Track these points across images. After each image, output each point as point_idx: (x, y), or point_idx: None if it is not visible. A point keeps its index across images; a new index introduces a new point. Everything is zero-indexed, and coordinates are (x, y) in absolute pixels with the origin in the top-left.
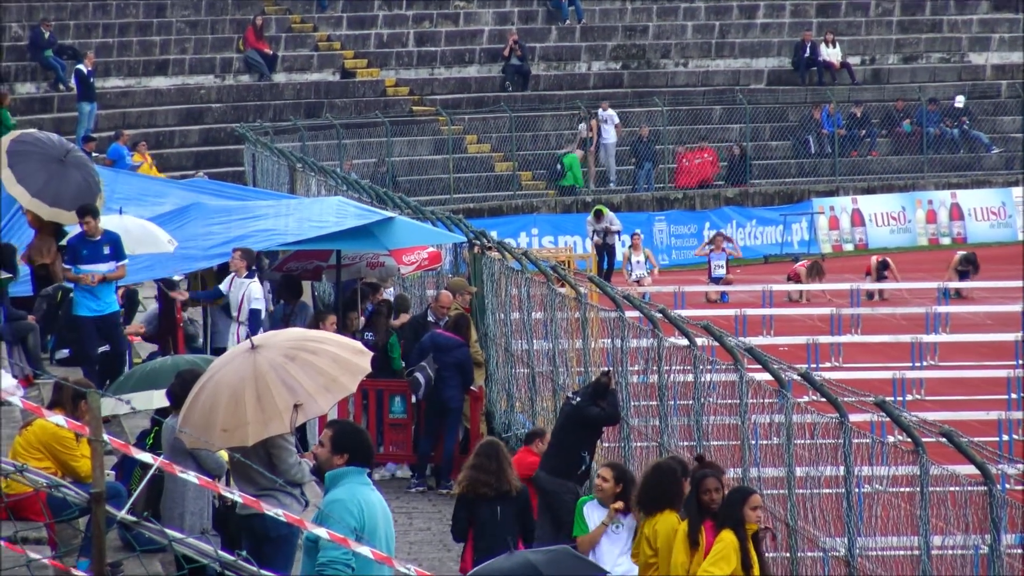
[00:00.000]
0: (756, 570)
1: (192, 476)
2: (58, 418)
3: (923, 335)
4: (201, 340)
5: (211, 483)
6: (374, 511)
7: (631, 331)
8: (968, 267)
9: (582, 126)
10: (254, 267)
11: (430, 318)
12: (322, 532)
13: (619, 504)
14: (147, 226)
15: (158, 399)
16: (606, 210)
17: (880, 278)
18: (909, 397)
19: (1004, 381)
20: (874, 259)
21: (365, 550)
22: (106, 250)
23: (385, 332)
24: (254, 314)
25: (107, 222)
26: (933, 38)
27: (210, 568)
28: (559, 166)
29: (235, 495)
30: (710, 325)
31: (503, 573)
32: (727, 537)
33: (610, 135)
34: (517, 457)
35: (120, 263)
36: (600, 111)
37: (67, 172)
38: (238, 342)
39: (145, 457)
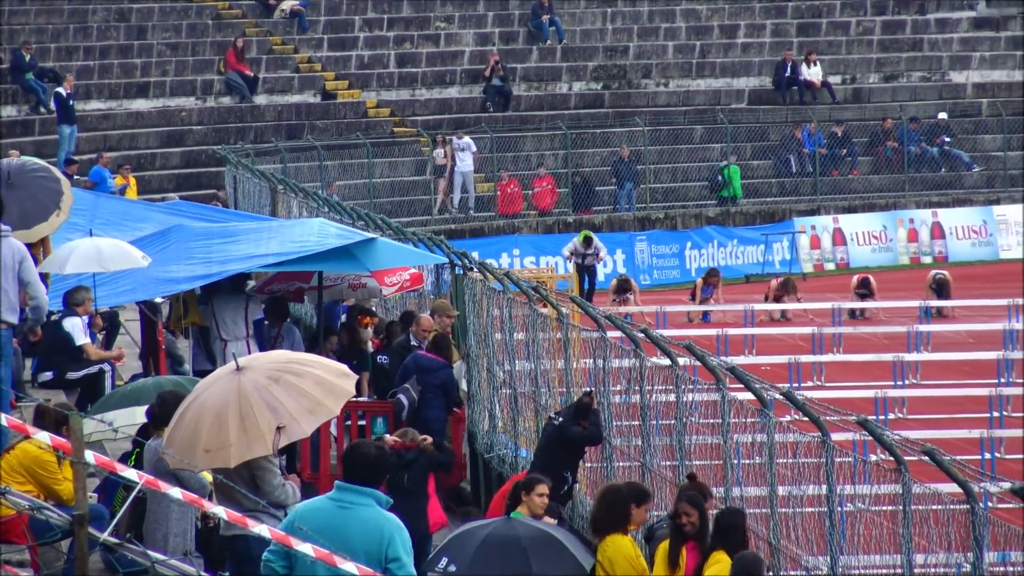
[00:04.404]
0: None
1: (177, 492)
2: (43, 435)
3: (905, 354)
4: (188, 365)
5: (196, 499)
6: (312, 519)
7: (613, 351)
8: (939, 290)
9: (438, 151)
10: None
11: (412, 342)
12: (307, 549)
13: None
14: (119, 244)
15: (140, 415)
16: (595, 237)
17: (862, 297)
18: (891, 416)
19: (986, 399)
20: (855, 278)
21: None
22: None
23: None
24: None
25: (78, 243)
26: (914, 57)
27: None
28: (720, 177)
29: (220, 511)
30: (692, 345)
31: (490, 538)
32: (723, 559)
33: (467, 163)
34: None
35: None
36: (455, 139)
37: (15, 193)
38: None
39: (130, 474)
